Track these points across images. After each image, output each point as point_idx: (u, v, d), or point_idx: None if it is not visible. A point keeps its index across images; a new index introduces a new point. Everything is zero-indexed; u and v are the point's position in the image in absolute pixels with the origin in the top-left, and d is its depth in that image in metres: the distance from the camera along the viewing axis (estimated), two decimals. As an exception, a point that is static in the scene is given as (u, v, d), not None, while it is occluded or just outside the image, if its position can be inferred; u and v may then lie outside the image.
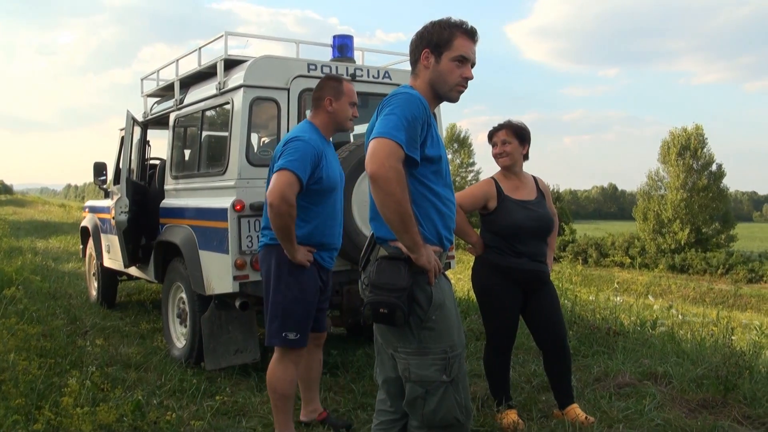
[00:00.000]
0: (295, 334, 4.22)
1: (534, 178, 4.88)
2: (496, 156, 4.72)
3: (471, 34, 3.10)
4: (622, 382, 5.53)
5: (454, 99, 3.16)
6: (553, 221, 4.76)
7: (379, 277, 2.95)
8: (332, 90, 4.37)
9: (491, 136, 4.76)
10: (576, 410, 4.69)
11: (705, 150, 56.26)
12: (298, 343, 4.25)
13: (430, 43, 3.07)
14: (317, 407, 4.84)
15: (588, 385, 5.58)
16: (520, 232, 4.56)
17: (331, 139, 4.50)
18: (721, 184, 56.85)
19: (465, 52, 3.06)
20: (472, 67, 3.13)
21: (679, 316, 9.41)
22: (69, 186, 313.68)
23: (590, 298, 9.59)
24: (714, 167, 56.42)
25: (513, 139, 4.66)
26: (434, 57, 3.06)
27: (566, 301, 8.17)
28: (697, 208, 54.77)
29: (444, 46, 3.04)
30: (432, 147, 3.00)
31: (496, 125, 4.77)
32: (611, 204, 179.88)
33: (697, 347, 6.57)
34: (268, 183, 4.24)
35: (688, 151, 55.90)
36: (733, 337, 6.44)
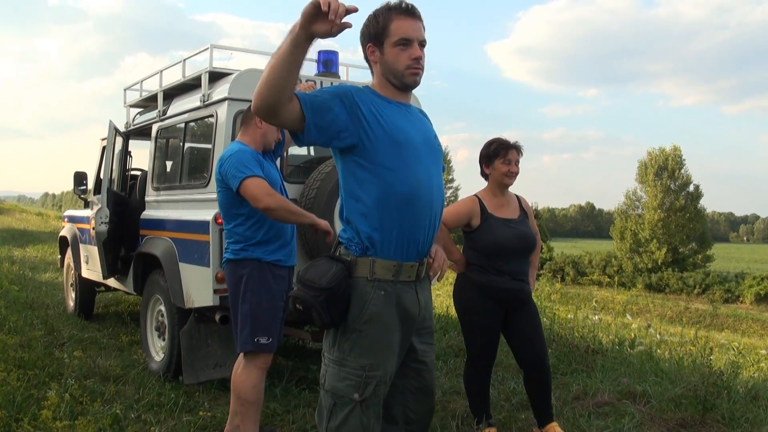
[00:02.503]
0: (267, 338, 4.26)
1: (517, 197, 4.89)
2: (508, 173, 4.62)
3: (408, 12, 2.88)
4: (601, 400, 5.54)
5: (411, 84, 2.92)
6: (535, 240, 4.77)
7: (305, 272, 2.85)
8: None
9: (504, 153, 4.62)
10: (555, 429, 4.69)
11: (682, 171, 56.75)
12: (270, 347, 4.29)
13: (370, 37, 2.90)
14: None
15: (567, 403, 5.59)
16: (503, 250, 4.56)
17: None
18: (699, 205, 57.32)
19: (405, 33, 2.84)
20: (422, 45, 2.90)
21: (657, 336, 9.46)
22: (46, 194, 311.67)
23: (569, 316, 9.60)
24: (691, 188, 56.90)
25: (518, 159, 4.67)
26: (378, 49, 2.89)
27: (545, 319, 8.18)
28: (674, 228, 55.16)
29: (383, 35, 2.86)
30: None
31: (504, 141, 4.68)
32: (589, 222, 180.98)
33: (675, 366, 6.59)
34: (220, 204, 4.43)
35: (666, 171, 56.36)
36: (711, 357, 6.47)
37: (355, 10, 2.44)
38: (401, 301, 2.90)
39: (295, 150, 6.48)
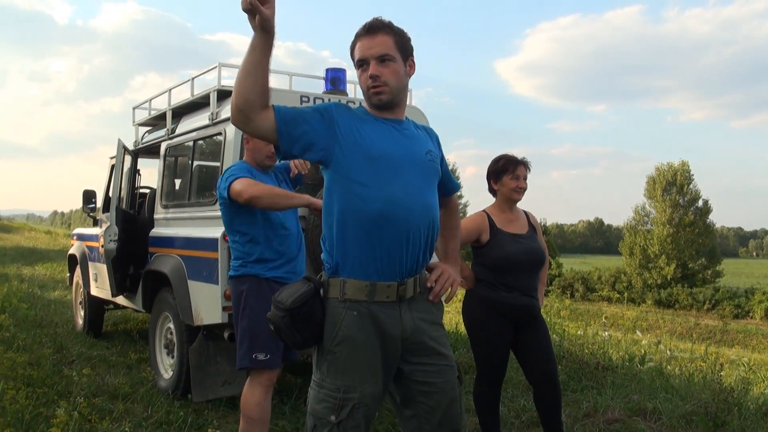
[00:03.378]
0: (265, 355, 4.22)
1: (525, 212, 4.89)
2: (516, 189, 4.62)
3: (367, 31, 2.83)
4: (611, 417, 5.51)
5: (375, 103, 2.86)
6: (544, 255, 4.76)
7: (279, 293, 2.84)
8: None
9: (512, 169, 4.62)
10: (566, 446, 4.67)
11: (691, 186, 56.65)
12: (267, 364, 4.25)
13: (353, 62, 2.89)
14: None
15: (577, 420, 5.56)
16: (512, 265, 4.55)
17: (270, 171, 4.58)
18: (708, 220, 57.19)
19: (360, 54, 2.82)
20: (382, 60, 2.79)
21: (668, 352, 9.42)
22: (55, 213, 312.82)
23: (579, 332, 9.58)
24: (700, 203, 56.78)
25: (527, 175, 4.67)
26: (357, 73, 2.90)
27: (555, 336, 8.17)
28: (684, 243, 55.01)
29: (352, 58, 2.87)
30: None
31: (512, 157, 4.68)
32: (598, 238, 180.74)
33: (685, 383, 6.57)
34: (223, 221, 4.44)
35: (674, 186, 56.29)
36: (721, 373, 6.44)
37: None
38: (378, 322, 2.80)
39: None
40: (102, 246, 7.23)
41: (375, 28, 2.82)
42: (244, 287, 4.29)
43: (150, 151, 7.82)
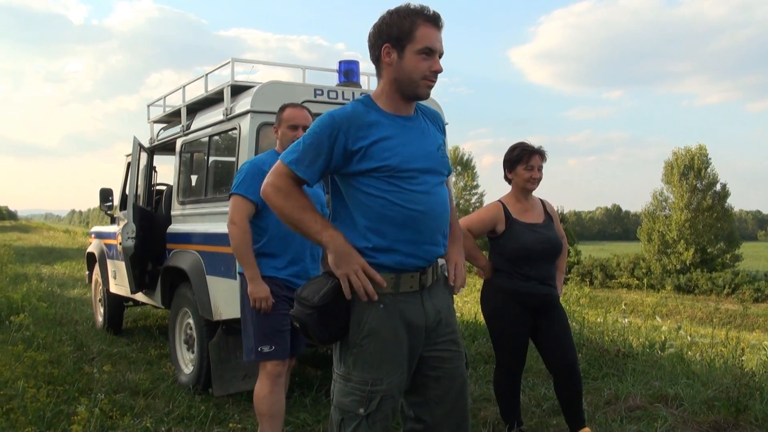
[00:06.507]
0: (270, 347, 4.25)
1: (542, 201, 4.86)
2: (530, 180, 4.60)
3: (434, 21, 2.78)
4: (632, 404, 5.49)
5: (423, 95, 2.85)
6: (561, 244, 4.73)
7: (302, 289, 2.83)
8: (276, 118, 4.53)
9: (526, 158, 4.60)
10: (588, 434, 4.65)
11: (709, 170, 56.25)
12: (273, 356, 4.27)
13: (390, 37, 2.77)
14: None
15: (599, 408, 5.55)
16: (529, 254, 4.53)
17: None
18: (726, 204, 56.80)
19: (431, 42, 2.75)
20: (440, 57, 2.82)
21: (688, 337, 9.39)
22: (73, 212, 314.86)
23: (598, 320, 9.55)
24: (718, 187, 56.37)
25: (542, 164, 4.65)
26: (396, 52, 2.77)
27: (574, 324, 8.15)
28: (702, 228, 54.69)
29: (406, 39, 2.74)
30: (368, 159, 2.76)
31: (528, 146, 4.65)
32: (616, 225, 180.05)
33: (707, 368, 6.53)
34: None
35: (692, 171, 55.91)
36: (742, 358, 6.40)
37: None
38: (404, 313, 2.83)
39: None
40: (120, 243, 7.25)
41: (441, 23, 2.83)
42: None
43: (166, 147, 7.84)
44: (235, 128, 5.86)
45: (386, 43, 2.79)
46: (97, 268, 9.37)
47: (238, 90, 6.05)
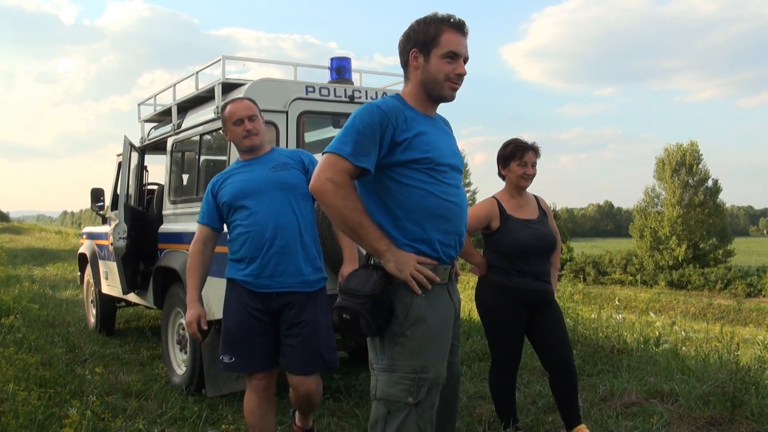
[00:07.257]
0: (229, 358, 4.13)
1: (536, 197, 4.85)
2: (523, 176, 4.59)
3: (459, 27, 2.96)
4: (628, 401, 5.48)
5: (448, 97, 3.02)
6: (556, 240, 4.72)
7: (347, 281, 2.90)
8: (221, 122, 4.35)
9: (520, 155, 4.58)
10: (584, 431, 4.63)
11: (700, 166, 56.55)
12: (232, 368, 4.16)
13: (417, 43, 2.95)
14: None
15: (594, 404, 5.53)
16: (524, 251, 4.51)
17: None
18: (718, 200, 57.10)
19: (454, 47, 2.93)
20: (465, 62, 2.99)
21: (682, 333, 9.38)
22: (65, 213, 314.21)
23: (592, 316, 9.53)
24: (710, 183, 56.71)
25: (536, 161, 4.63)
26: (423, 56, 2.95)
27: (569, 320, 8.12)
28: (694, 223, 54.95)
29: (431, 44, 2.92)
30: (411, 149, 2.87)
31: (521, 142, 4.63)
32: (608, 221, 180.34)
33: (701, 364, 6.53)
34: None
35: (684, 167, 56.18)
36: (737, 353, 6.39)
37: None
38: (441, 303, 2.97)
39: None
40: (111, 244, 7.21)
41: (466, 30, 3.00)
42: (227, 292, 4.35)
43: (157, 147, 7.80)
44: (226, 126, 5.81)
45: (414, 48, 2.97)
46: (89, 269, 9.32)
47: (229, 88, 6.01)
